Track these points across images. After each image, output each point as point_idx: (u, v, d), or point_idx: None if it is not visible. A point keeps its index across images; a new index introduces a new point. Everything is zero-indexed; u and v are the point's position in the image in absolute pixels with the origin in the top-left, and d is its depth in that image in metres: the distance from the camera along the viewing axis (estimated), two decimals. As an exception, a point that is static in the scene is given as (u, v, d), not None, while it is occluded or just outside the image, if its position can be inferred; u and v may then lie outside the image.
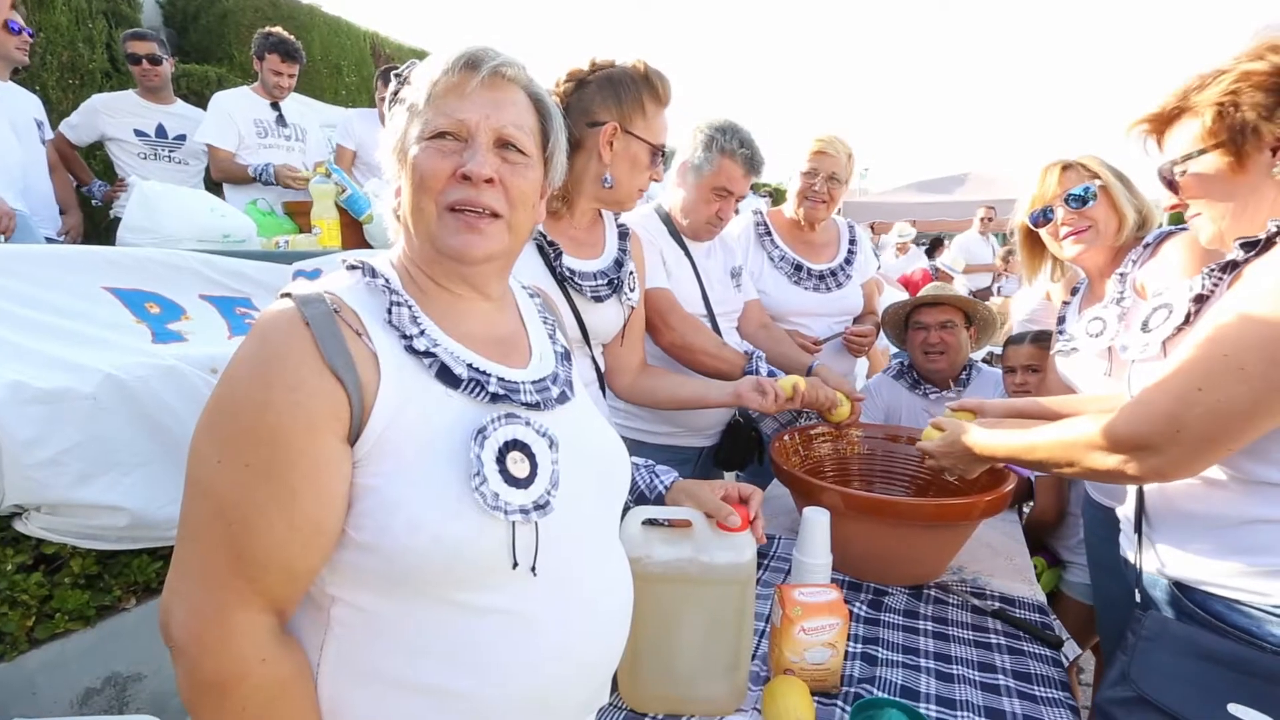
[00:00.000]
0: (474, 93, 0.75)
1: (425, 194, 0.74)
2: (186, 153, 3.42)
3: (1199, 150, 0.98)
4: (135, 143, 3.29)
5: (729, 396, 1.55)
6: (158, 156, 3.36)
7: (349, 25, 6.93)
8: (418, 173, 0.74)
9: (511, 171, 0.76)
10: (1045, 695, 1.16)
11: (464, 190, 0.73)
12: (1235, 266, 0.95)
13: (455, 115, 0.74)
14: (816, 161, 2.09)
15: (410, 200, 0.75)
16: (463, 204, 0.73)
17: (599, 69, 1.37)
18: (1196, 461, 0.91)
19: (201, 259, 1.65)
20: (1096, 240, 1.50)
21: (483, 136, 0.74)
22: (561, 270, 1.36)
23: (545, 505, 0.71)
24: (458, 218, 0.74)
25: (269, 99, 3.41)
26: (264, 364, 0.64)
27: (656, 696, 1.08)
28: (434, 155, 0.73)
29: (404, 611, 0.68)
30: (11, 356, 1.20)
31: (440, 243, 0.74)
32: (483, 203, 0.74)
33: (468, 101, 0.74)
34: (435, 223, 0.74)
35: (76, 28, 4.41)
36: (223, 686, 0.63)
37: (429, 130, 0.74)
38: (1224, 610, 0.93)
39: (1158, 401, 0.91)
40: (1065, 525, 2.09)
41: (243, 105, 3.35)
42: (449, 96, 0.74)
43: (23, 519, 1.20)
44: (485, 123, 0.74)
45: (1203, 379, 0.86)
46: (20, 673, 1.24)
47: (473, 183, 0.73)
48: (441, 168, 0.73)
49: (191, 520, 0.65)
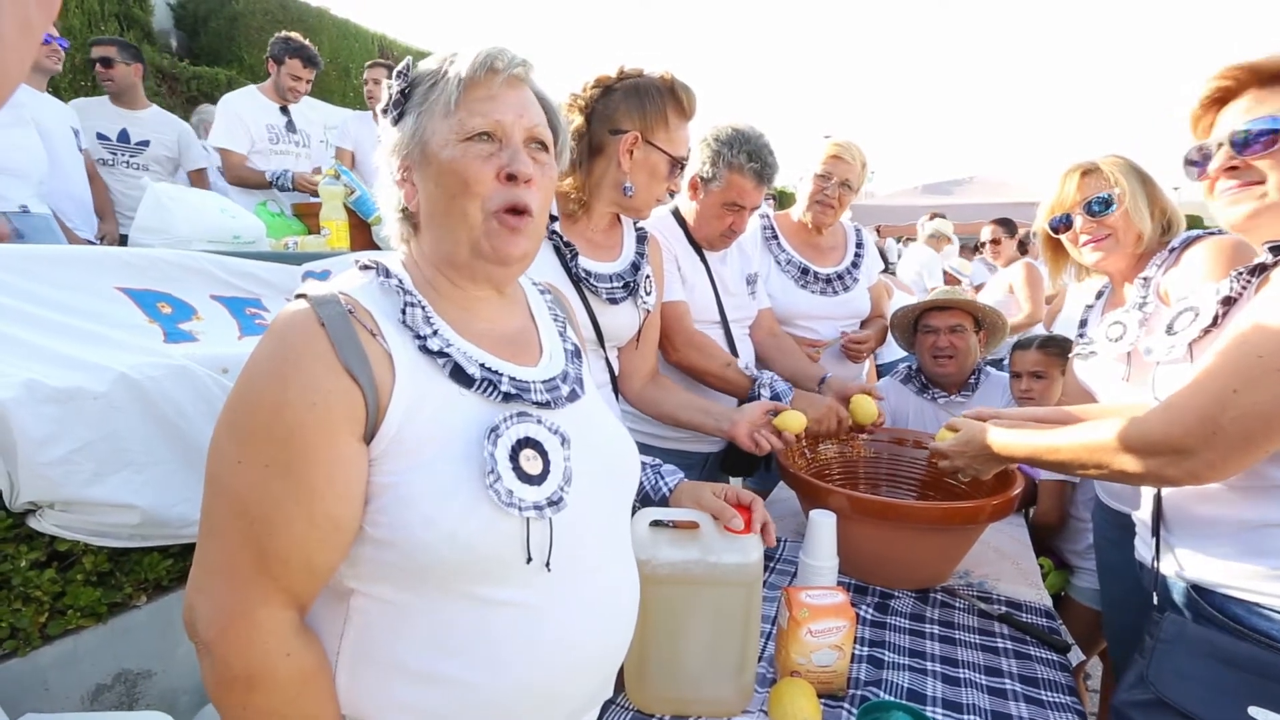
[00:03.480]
0: (501, 93, 0.75)
1: (470, 198, 0.74)
2: (149, 158, 3.34)
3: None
4: (97, 147, 3.24)
5: (724, 432, 1.52)
6: (115, 163, 3.29)
7: (358, 28, 6.98)
8: (459, 176, 0.73)
9: (541, 172, 0.77)
10: (1052, 700, 1.15)
11: (509, 192, 0.74)
12: (1264, 270, 0.94)
13: (491, 116, 0.74)
14: (831, 166, 2.09)
15: (444, 202, 0.75)
16: (509, 207, 0.74)
17: (626, 77, 1.38)
18: (1232, 464, 0.90)
19: (212, 260, 1.66)
20: (1116, 248, 1.48)
21: (517, 136, 0.75)
22: (577, 271, 1.36)
23: (559, 501, 0.72)
24: (501, 220, 0.75)
25: (279, 102, 3.38)
26: (281, 365, 0.65)
27: (663, 697, 1.08)
28: (475, 158, 0.74)
29: (421, 604, 0.69)
30: (26, 355, 1.22)
31: (482, 245, 0.75)
32: (525, 201, 0.75)
33: (498, 103, 0.75)
34: (480, 227, 0.75)
35: (89, 30, 4.46)
36: (249, 681, 0.65)
37: (464, 131, 0.74)
38: (1243, 613, 0.92)
39: (1192, 404, 0.90)
40: (1073, 530, 2.08)
41: (253, 108, 3.31)
42: (478, 97, 0.74)
43: (37, 516, 1.21)
44: (519, 122, 0.76)
45: (1239, 380, 0.86)
46: (33, 668, 1.25)
47: (517, 183, 0.74)
48: (485, 170, 0.74)
49: (213, 518, 0.66)
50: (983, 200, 9.66)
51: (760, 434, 1.49)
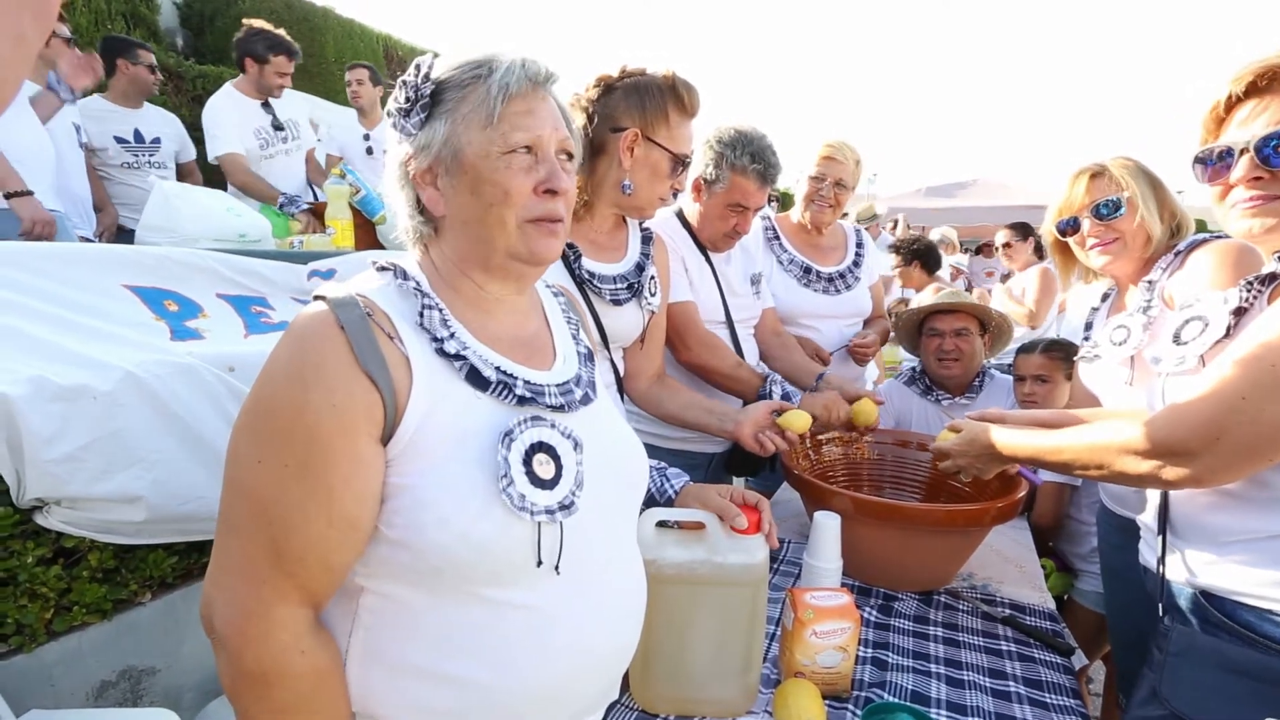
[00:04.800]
0: (537, 107, 0.77)
1: (508, 207, 0.75)
2: (164, 155, 3.33)
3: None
4: (120, 151, 3.19)
5: (728, 433, 1.52)
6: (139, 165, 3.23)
7: (363, 28, 6.99)
8: (501, 188, 0.75)
9: (569, 180, 0.79)
10: (1056, 703, 1.15)
11: (545, 205, 0.76)
12: (1274, 279, 0.94)
13: (533, 131, 0.76)
14: (825, 167, 2.11)
15: (480, 210, 0.76)
16: (545, 218, 0.77)
17: (628, 75, 1.37)
18: (1233, 471, 0.90)
19: (218, 258, 1.67)
20: (1124, 252, 1.47)
21: (552, 149, 0.77)
22: (581, 272, 1.36)
23: (570, 506, 0.73)
24: (539, 226, 0.77)
25: (259, 98, 3.27)
26: (301, 367, 0.66)
27: (668, 697, 1.08)
28: (517, 173, 0.75)
29: (431, 603, 0.70)
30: (34, 353, 1.22)
31: (519, 248, 0.77)
32: (559, 213, 0.78)
33: (536, 118, 0.76)
34: (516, 233, 0.76)
35: (96, 29, 4.48)
36: (264, 677, 0.66)
37: (507, 145, 0.75)
38: (1254, 620, 0.91)
39: (1199, 408, 0.90)
40: (1076, 534, 2.08)
41: (241, 111, 3.22)
42: (519, 111, 0.75)
43: (43, 513, 1.22)
44: (554, 136, 0.78)
45: (1248, 389, 0.85)
46: (39, 664, 1.25)
47: (554, 196, 0.77)
48: (525, 183, 0.76)
49: (232, 517, 0.67)
50: (986, 203, 9.65)
51: (765, 434, 1.49)
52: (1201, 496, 1.00)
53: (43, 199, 2.41)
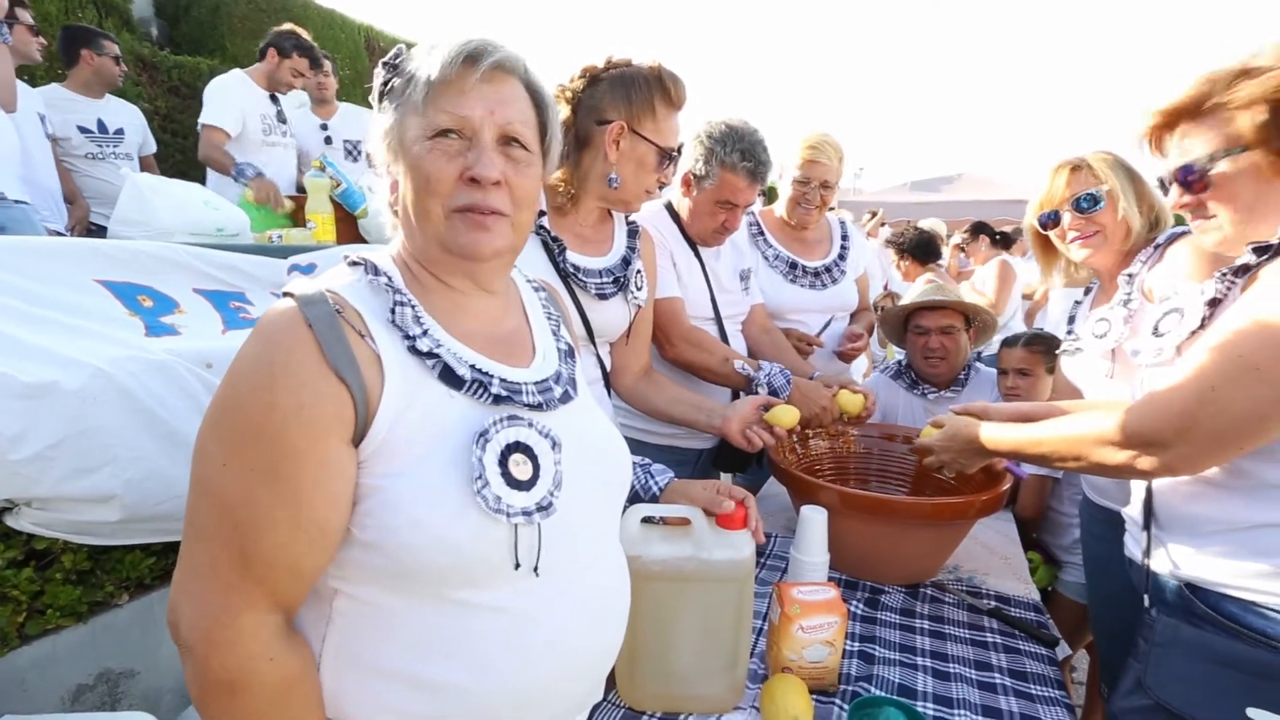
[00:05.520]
0: (475, 88, 0.72)
1: (432, 197, 0.72)
2: (129, 146, 3.27)
3: (1241, 148, 0.94)
4: (84, 141, 3.12)
5: (716, 429, 1.51)
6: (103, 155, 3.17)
7: (343, 18, 6.87)
8: (421, 175, 0.71)
9: (516, 171, 0.74)
10: (1041, 694, 1.16)
11: (471, 194, 0.71)
12: (1248, 270, 0.94)
13: (458, 112, 0.71)
14: (809, 170, 2.07)
15: (414, 200, 0.73)
16: (470, 207, 0.72)
17: (613, 67, 1.34)
18: (1206, 459, 0.92)
19: (195, 252, 1.63)
20: (1104, 245, 1.48)
21: (487, 134, 0.72)
22: (565, 266, 1.34)
23: (548, 507, 0.71)
24: (465, 217, 0.72)
25: (269, 90, 3.29)
26: (268, 367, 0.64)
27: (654, 694, 1.08)
28: (439, 157, 0.71)
29: (405, 606, 0.68)
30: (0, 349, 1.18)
31: (449, 243, 0.73)
32: (490, 205, 0.72)
33: (469, 97, 0.71)
34: (443, 224, 0.72)
35: (66, 17, 4.36)
36: (231, 685, 0.63)
37: (431, 129, 0.71)
38: (1238, 611, 0.92)
39: (1171, 399, 0.91)
40: (1059, 525, 2.10)
41: (249, 96, 3.23)
42: (449, 92, 0.71)
43: (13, 514, 1.18)
44: (489, 119, 0.72)
45: (1218, 378, 0.87)
46: (11, 669, 1.22)
47: (480, 185, 0.71)
48: (447, 171, 0.71)
49: (198, 520, 0.65)
50: (970, 197, 9.72)
51: (752, 430, 1.48)
52: (1184, 487, 1.01)
53: (8, 190, 2.33)
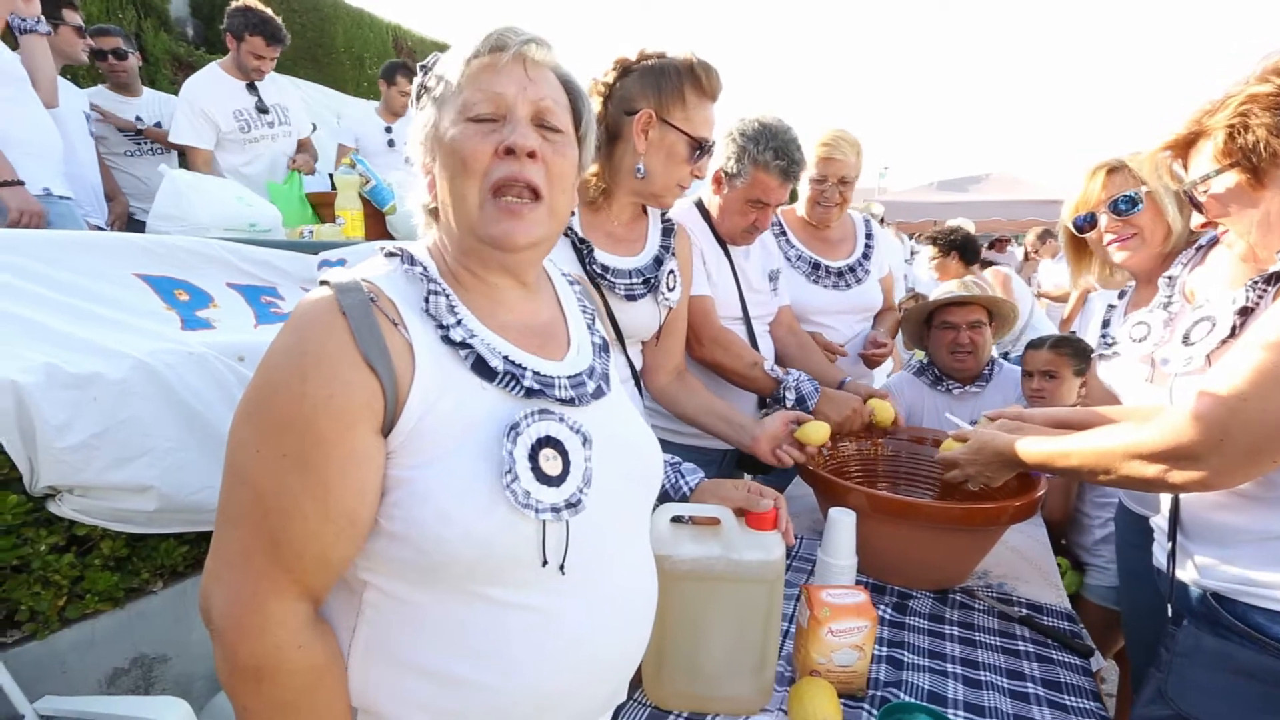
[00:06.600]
0: (507, 68, 0.73)
1: (468, 177, 0.71)
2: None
3: (1216, 170, 0.99)
4: (122, 139, 3.22)
5: (746, 445, 1.50)
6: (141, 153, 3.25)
7: (372, 18, 6.97)
8: (458, 155, 0.71)
9: (552, 149, 0.74)
10: (1076, 705, 1.13)
11: (507, 166, 0.71)
12: (1278, 279, 0.93)
13: (492, 89, 0.72)
14: (824, 168, 2.04)
15: (449, 187, 0.73)
16: (507, 181, 0.71)
17: (646, 58, 1.33)
18: (1240, 472, 0.90)
19: (229, 248, 1.67)
20: (1142, 248, 1.45)
21: (521, 111, 0.73)
22: (593, 267, 1.33)
23: (577, 504, 0.70)
24: (499, 204, 0.72)
25: (243, 79, 3.11)
26: (300, 355, 0.64)
27: (681, 694, 1.07)
28: (474, 136, 0.71)
29: (433, 601, 0.68)
30: (46, 341, 1.22)
31: (482, 230, 0.72)
32: (526, 177, 0.72)
33: (502, 77, 0.72)
34: (477, 211, 0.72)
35: (107, 18, 4.47)
36: (259, 672, 0.64)
37: (466, 112, 0.72)
38: (1265, 622, 0.90)
39: (1201, 410, 0.89)
40: (1081, 526, 2.06)
41: (216, 94, 3.04)
42: (482, 76, 0.73)
43: (56, 501, 1.22)
44: (522, 96, 0.73)
45: (1249, 389, 0.85)
46: (52, 651, 1.26)
47: (516, 156, 0.71)
48: (483, 147, 0.71)
49: (231, 506, 0.65)
50: (998, 197, 9.54)
51: (783, 450, 1.46)
52: (1211, 496, 0.99)
53: (52, 186, 2.39)
